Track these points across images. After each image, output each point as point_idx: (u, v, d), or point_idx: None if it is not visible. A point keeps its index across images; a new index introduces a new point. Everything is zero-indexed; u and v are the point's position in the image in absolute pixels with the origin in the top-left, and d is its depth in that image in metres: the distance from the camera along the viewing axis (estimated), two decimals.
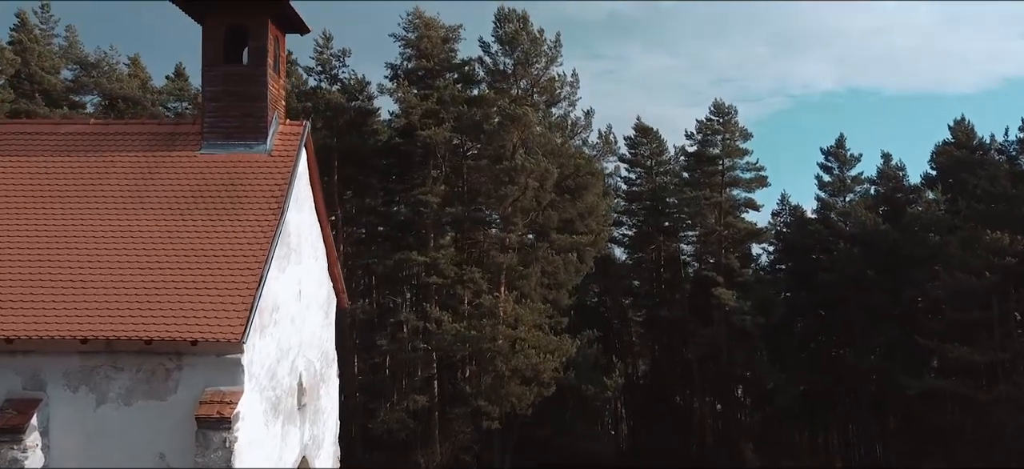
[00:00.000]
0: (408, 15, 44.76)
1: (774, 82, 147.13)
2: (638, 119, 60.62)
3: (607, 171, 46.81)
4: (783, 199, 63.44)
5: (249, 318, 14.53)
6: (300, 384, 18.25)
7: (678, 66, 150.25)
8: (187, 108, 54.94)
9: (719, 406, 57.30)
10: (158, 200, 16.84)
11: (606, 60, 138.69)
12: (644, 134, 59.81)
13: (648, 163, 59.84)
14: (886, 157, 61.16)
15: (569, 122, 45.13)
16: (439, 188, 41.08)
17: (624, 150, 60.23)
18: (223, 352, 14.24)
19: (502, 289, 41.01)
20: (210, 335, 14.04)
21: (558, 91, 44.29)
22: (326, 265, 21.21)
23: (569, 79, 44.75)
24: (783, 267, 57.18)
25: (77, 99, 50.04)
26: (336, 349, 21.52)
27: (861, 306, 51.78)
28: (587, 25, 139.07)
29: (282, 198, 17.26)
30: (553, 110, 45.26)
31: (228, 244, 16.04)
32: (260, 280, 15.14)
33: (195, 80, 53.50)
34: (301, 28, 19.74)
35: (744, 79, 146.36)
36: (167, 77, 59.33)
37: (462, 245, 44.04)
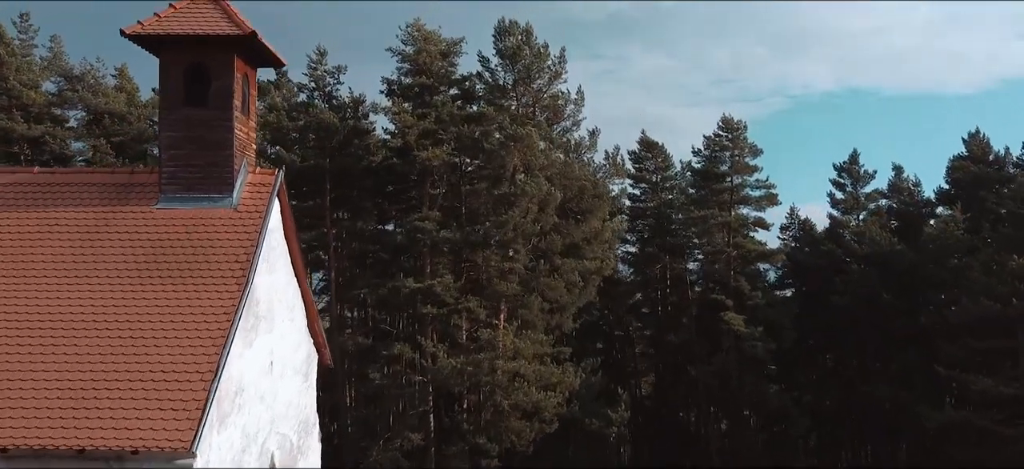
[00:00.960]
0: (407, 27, 42.62)
1: (773, 82, 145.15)
2: (643, 133, 58.51)
3: (614, 193, 44.70)
4: (792, 213, 61.39)
5: (203, 415, 12.41)
6: (272, 467, 16.18)
7: (677, 66, 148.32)
8: None
9: (725, 425, 55.10)
10: (105, 266, 14.71)
11: (606, 60, 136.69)
12: (649, 148, 57.59)
13: (653, 179, 57.65)
14: (897, 169, 59.19)
15: (573, 141, 42.99)
16: (436, 212, 38.93)
17: (629, 165, 58.14)
18: (172, 459, 12.09)
19: (502, 319, 38.92)
20: (155, 443, 11.91)
21: (562, 108, 42.16)
22: (305, 323, 19.11)
23: (573, 96, 42.67)
24: (792, 286, 54.86)
25: (59, 113, 47.91)
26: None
27: (876, 330, 49.63)
28: (587, 25, 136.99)
29: (249, 261, 15.14)
30: (556, 128, 43.12)
31: (184, 321, 13.92)
32: (218, 368, 13.01)
33: None
34: (274, 62, 17.62)
35: (743, 79, 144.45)
36: (153, 90, 57.39)
37: (460, 271, 41.94)
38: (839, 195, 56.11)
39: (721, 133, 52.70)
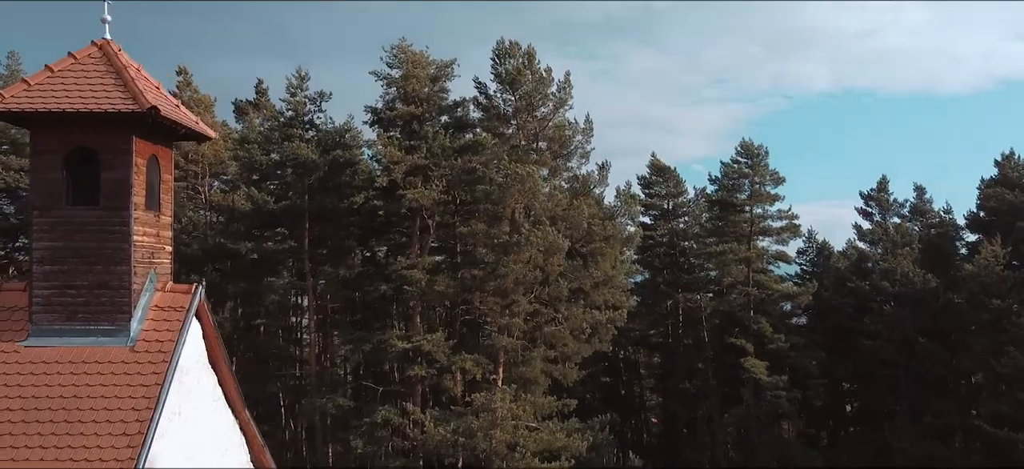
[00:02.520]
0: (391, 49, 38.31)
1: (770, 83, 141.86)
2: (653, 156, 54.34)
3: (627, 230, 40.41)
4: (810, 237, 57.17)
5: None
6: None
7: (674, 66, 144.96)
8: None
9: None
10: None
11: (602, 60, 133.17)
12: (660, 173, 53.42)
13: (665, 205, 53.44)
14: (919, 190, 54.98)
15: (581, 176, 38.65)
16: (426, 258, 34.68)
17: (638, 189, 53.92)
18: None
19: (499, 377, 34.67)
20: None
21: (568, 140, 37.88)
22: (247, 457, 14.99)
23: (581, 126, 38.32)
24: (816, 327, 50.46)
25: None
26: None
27: (911, 378, 45.43)
28: (583, 26, 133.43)
29: (147, 423, 11.00)
30: (562, 164, 38.84)
31: None
32: None
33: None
34: (196, 137, 13.41)
35: (739, 80, 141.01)
36: None
37: (454, 319, 37.76)
38: (866, 225, 51.90)
39: (740, 159, 48.50)
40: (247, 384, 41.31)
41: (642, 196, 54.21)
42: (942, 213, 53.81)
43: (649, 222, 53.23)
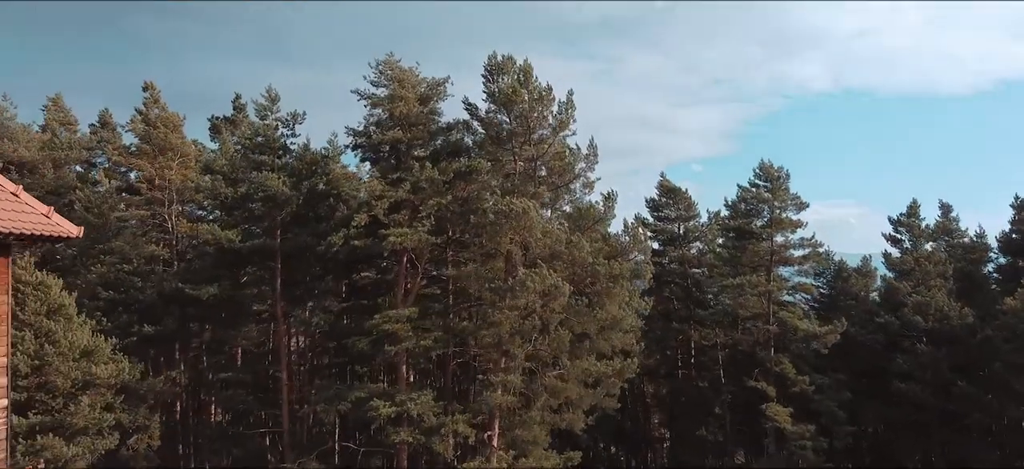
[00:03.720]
0: (377, 65, 34.21)
1: (768, 83, 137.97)
2: (662, 176, 50.30)
3: (634, 263, 36.20)
4: (829, 260, 52.98)
5: None
6: None
7: (673, 67, 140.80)
8: (103, 165, 44.61)
9: None
10: None
11: (600, 61, 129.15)
12: (670, 195, 49.34)
13: (676, 230, 49.33)
14: (945, 208, 50.94)
15: (583, 208, 34.43)
16: (409, 309, 30.53)
17: (647, 213, 49.90)
18: None
19: (495, 441, 30.62)
20: None
21: (570, 167, 33.72)
22: None
23: (584, 152, 34.18)
24: (842, 367, 46.24)
25: None
26: None
27: (947, 423, 41.38)
28: (580, 27, 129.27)
29: None
30: (563, 197, 34.71)
31: None
32: None
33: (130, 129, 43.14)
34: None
35: (738, 80, 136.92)
36: (91, 126, 49.14)
37: (445, 370, 33.73)
38: (895, 253, 47.77)
39: (758, 182, 44.42)
40: (221, 442, 37.26)
41: (650, 219, 50.23)
42: (974, 237, 49.88)
43: (658, 248, 49.11)
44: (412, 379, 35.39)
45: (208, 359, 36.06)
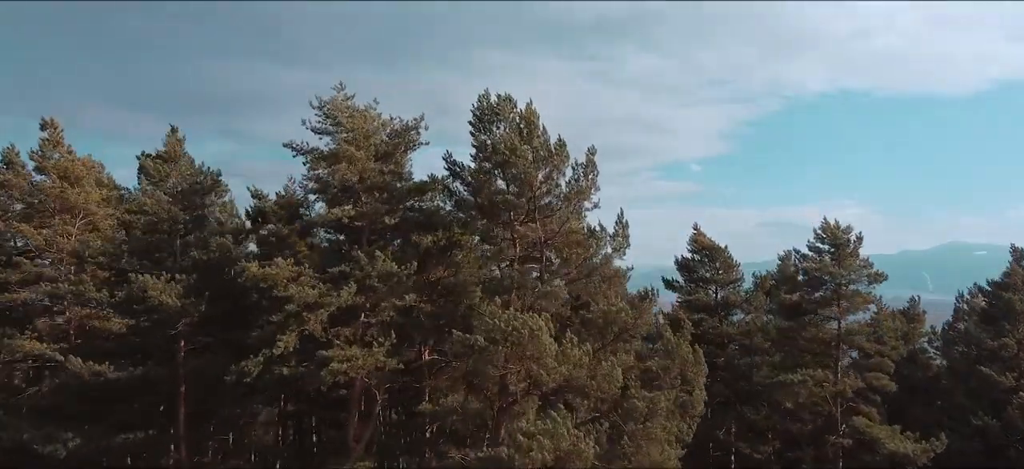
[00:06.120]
0: (321, 105, 24.71)
1: (767, 84, 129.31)
2: (696, 228, 40.69)
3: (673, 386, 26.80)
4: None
5: None
6: None
7: (672, 68, 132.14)
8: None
9: None
10: None
11: (599, 61, 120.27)
12: (708, 253, 39.75)
13: (712, 297, 39.80)
14: (1017, 254, 42.10)
15: (607, 313, 24.95)
16: (367, 465, 21.23)
17: (677, 275, 40.43)
18: None
19: None
20: None
21: (591, 256, 24.25)
22: None
23: (610, 231, 24.65)
24: None
25: None
26: None
27: None
28: (577, 27, 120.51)
29: None
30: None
31: None
32: None
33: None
34: None
35: (736, 81, 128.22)
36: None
37: None
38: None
39: (821, 245, 34.96)
40: None
41: (680, 281, 40.82)
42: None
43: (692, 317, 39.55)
44: None
45: None
